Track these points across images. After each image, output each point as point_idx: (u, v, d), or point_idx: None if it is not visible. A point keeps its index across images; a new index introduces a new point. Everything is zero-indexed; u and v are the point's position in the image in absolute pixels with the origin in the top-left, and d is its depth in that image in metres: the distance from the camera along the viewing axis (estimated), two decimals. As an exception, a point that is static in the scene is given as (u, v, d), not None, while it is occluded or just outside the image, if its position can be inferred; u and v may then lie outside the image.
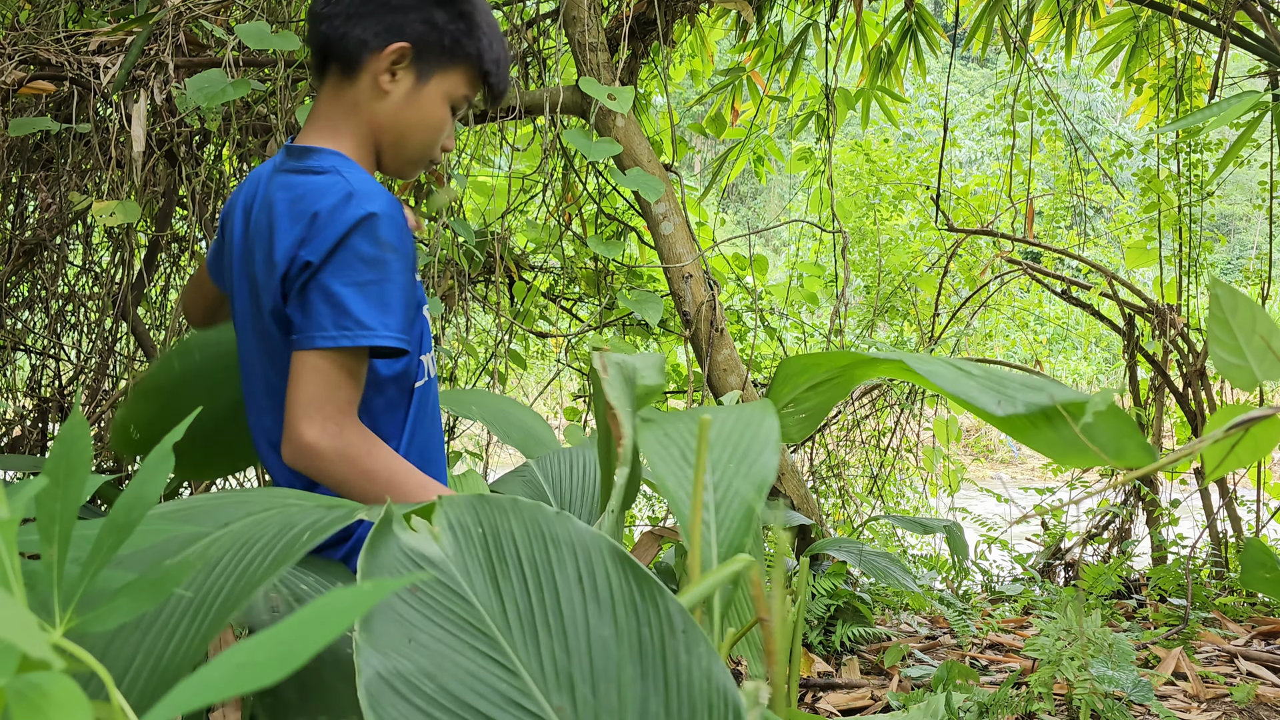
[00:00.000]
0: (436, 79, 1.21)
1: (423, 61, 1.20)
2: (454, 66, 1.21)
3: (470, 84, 1.24)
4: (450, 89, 1.22)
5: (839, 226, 3.02)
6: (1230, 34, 2.74)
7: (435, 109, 1.22)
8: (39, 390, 2.78)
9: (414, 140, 1.24)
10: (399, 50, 1.19)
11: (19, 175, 2.28)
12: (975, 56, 5.79)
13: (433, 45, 1.20)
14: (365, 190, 1.13)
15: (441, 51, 1.21)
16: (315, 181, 1.14)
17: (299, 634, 0.38)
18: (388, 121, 1.22)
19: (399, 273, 1.13)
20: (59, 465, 0.54)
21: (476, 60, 1.22)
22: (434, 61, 1.20)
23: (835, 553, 2.19)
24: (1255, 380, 0.68)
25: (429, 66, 1.20)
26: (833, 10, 3.19)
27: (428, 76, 1.21)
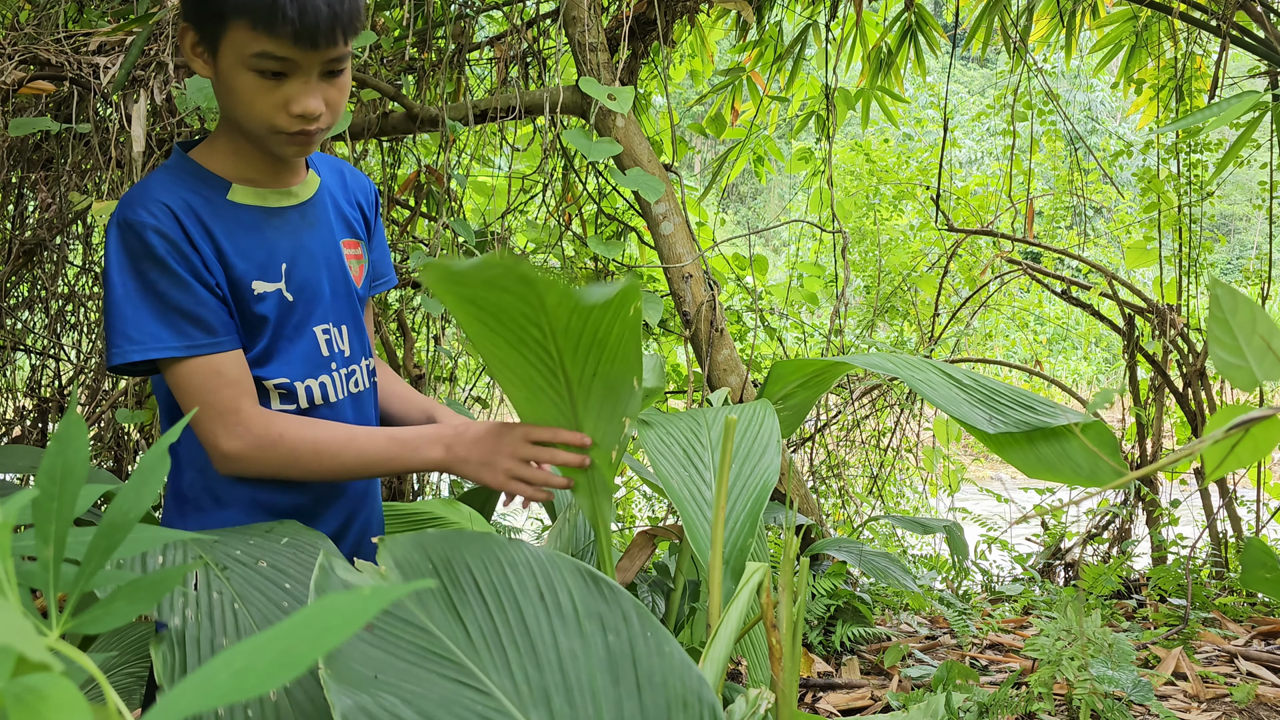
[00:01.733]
0: (222, 48, 1.06)
1: (205, 37, 1.08)
2: (224, 27, 1.05)
3: (249, 37, 1.04)
4: (236, 53, 1.06)
5: (839, 226, 3.02)
6: (1230, 34, 2.74)
7: (235, 80, 1.07)
8: (39, 390, 2.78)
9: (241, 118, 1.10)
10: (184, 31, 1.10)
11: (19, 175, 2.28)
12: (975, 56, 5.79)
13: (198, 14, 1.07)
14: (128, 198, 1.09)
15: (205, 17, 1.06)
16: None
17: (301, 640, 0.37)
18: (222, 107, 1.14)
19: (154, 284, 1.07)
20: (56, 467, 0.54)
21: (231, 14, 1.04)
22: (210, 32, 1.07)
23: (835, 553, 2.19)
24: (1255, 380, 0.68)
25: (212, 39, 1.07)
26: (833, 10, 3.18)
27: (215, 49, 1.07)
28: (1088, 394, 8.16)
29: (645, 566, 1.75)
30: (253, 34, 1.03)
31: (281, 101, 1.08)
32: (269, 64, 1.05)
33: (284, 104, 1.08)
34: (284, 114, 1.08)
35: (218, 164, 1.17)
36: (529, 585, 0.76)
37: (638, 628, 0.74)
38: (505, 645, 0.72)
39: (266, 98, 1.07)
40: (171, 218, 1.09)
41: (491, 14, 2.98)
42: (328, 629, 0.37)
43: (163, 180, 1.13)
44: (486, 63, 3.05)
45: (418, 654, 0.70)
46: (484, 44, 2.93)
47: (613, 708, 0.70)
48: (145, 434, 2.56)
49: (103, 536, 0.55)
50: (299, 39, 1.04)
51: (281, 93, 1.07)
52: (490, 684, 0.70)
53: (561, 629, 0.73)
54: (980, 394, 1.34)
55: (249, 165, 1.17)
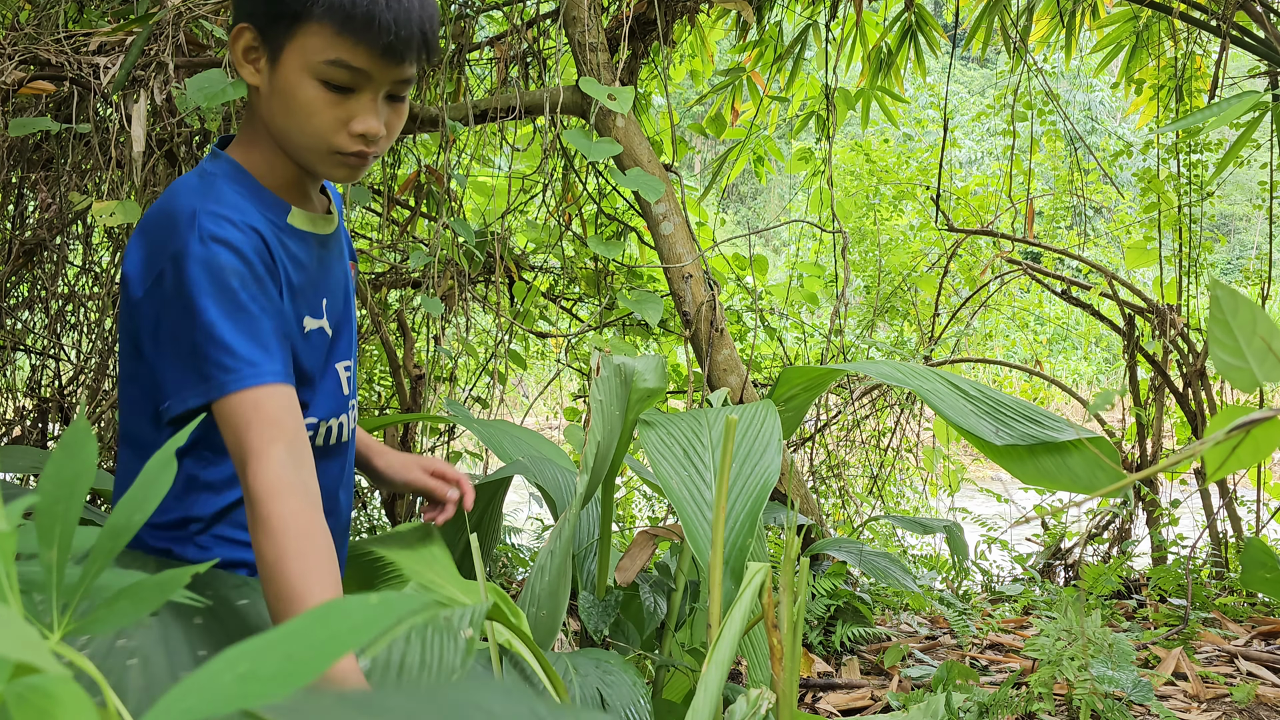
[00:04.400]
0: (288, 52, 0.98)
1: (269, 39, 0.99)
2: (297, 29, 0.97)
3: (327, 42, 0.96)
4: (305, 59, 0.97)
5: (839, 226, 3.02)
6: (1230, 34, 2.74)
7: (298, 89, 0.98)
8: (39, 390, 2.78)
9: (296, 135, 1.01)
10: (240, 32, 1.01)
11: (19, 175, 2.28)
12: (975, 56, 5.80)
13: (266, 14, 0.98)
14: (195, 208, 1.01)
15: (277, 17, 0.97)
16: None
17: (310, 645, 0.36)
18: (269, 119, 1.03)
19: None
20: (62, 469, 0.54)
21: (312, 14, 0.95)
22: (277, 33, 0.98)
23: (835, 553, 2.19)
24: (1256, 381, 0.68)
25: (276, 41, 0.98)
26: (833, 10, 3.19)
27: (278, 53, 0.99)
28: (1088, 394, 8.16)
29: (646, 567, 1.75)
30: (334, 39, 0.96)
31: (344, 118, 0.99)
32: (341, 74, 0.97)
33: (346, 121, 0.99)
34: (344, 133, 1.00)
35: (265, 178, 1.07)
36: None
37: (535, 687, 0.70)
38: None
39: (329, 112, 0.99)
40: (258, 238, 1.00)
41: (491, 14, 2.98)
42: (337, 636, 0.36)
43: (234, 195, 1.03)
44: (486, 63, 3.05)
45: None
46: (484, 44, 2.93)
47: None
48: (145, 434, 2.56)
49: (107, 539, 0.55)
50: (388, 52, 0.96)
51: (345, 109, 0.99)
52: None
53: None
54: (987, 405, 1.34)
55: (292, 185, 1.09)
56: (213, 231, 0.97)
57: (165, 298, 0.97)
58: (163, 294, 0.98)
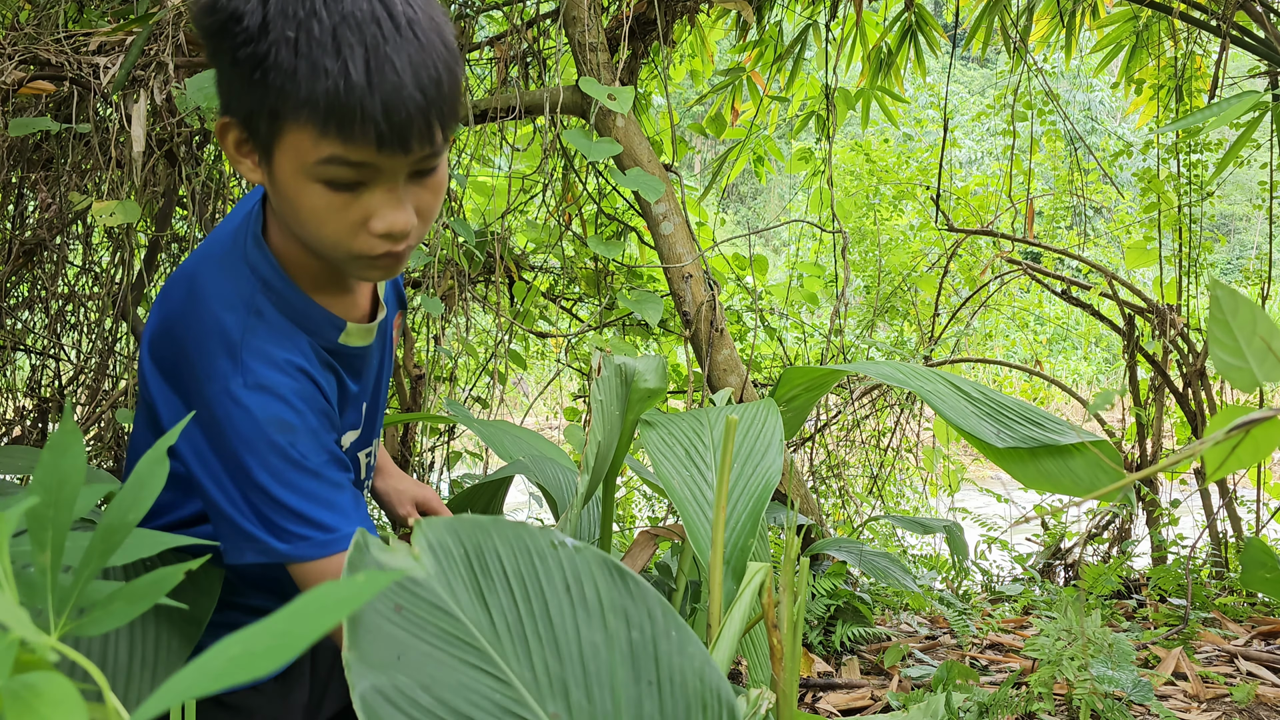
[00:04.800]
0: (278, 154, 0.82)
1: (257, 134, 0.83)
2: (279, 128, 0.80)
3: (314, 142, 0.79)
4: (296, 160, 0.80)
5: (839, 226, 3.02)
6: (1230, 34, 2.74)
7: (299, 194, 0.82)
8: (39, 390, 2.78)
9: (313, 240, 0.86)
10: (225, 126, 0.86)
11: (19, 175, 2.28)
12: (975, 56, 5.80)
13: (244, 108, 0.82)
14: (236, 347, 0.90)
15: (255, 115, 0.81)
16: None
17: (295, 624, 0.38)
18: (281, 218, 0.89)
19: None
20: (51, 473, 0.54)
21: (288, 110, 0.78)
22: (261, 130, 0.82)
23: (835, 553, 2.19)
24: (1256, 382, 0.68)
25: (264, 138, 0.82)
26: (833, 10, 3.18)
27: (269, 153, 0.83)
28: (1088, 394, 8.15)
29: (646, 567, 1.75)
30: (322, 135, 0.78)
31: (360, 219, 0.83)
32: (342, 173, 0.80)
33: (363, 221, 0.83)
34: (364, 234, 0.83)
35: (304, 280, 0.93)
36: (556, 577, 0.75)
37: (661, 625, 0.74)
38: (528, 635, 0.72)
39: (341, 216, 0.82)
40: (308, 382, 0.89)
41: (491, 14, 2.98)
42: (323, 611, 0.38)
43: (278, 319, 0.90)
44: (486, 63, 3.05)
45: (442, 639, 0.70)
46: (484, 44, 2.93)
47: (632, 704, 0.70)
48: (145, 434, 2.56)
49: (101, 540, 0.55)
50: (384, 143, 0.78)
51: (360, 207, 0.82)
52: (510, 673, 0.70)
53: (585, 622, 0.73)
54: (988, 407, 1.35)
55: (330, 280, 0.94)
56: (259, 378, 0.85)
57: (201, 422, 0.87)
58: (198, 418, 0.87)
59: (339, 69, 0.76)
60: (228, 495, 0.86)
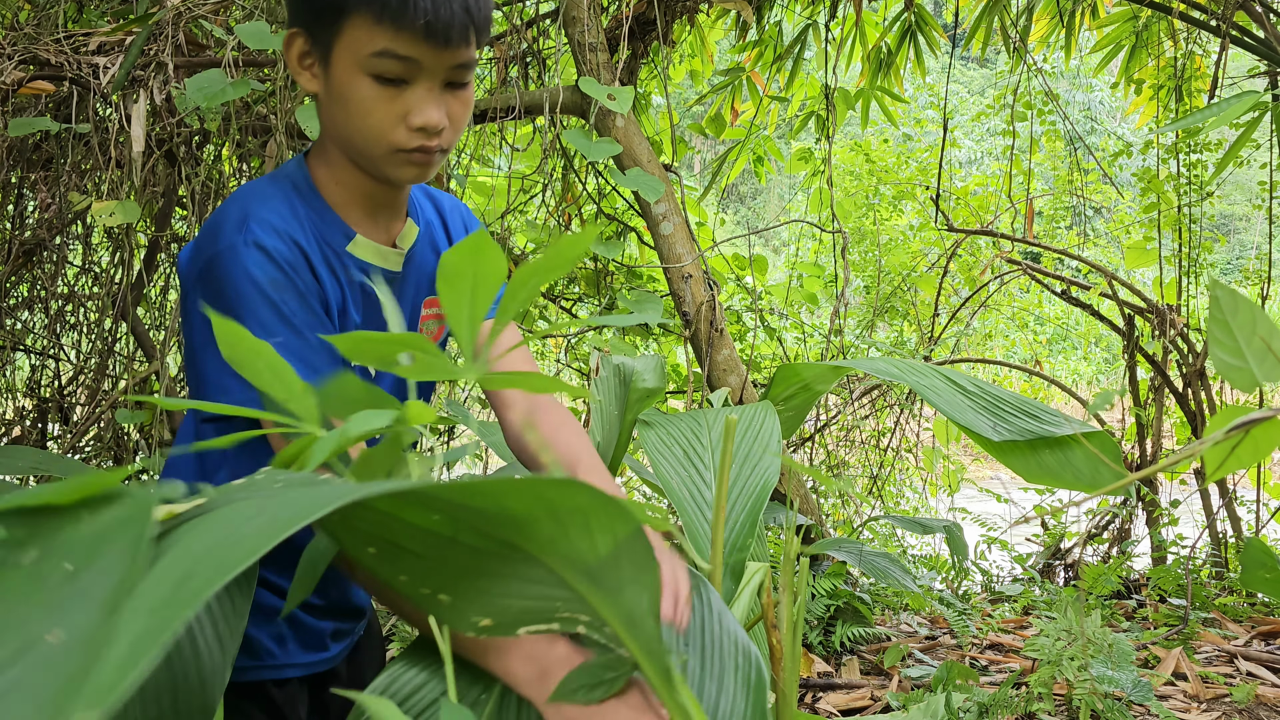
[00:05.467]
0: (336, 52, 0.95)
1: (318, 41, 0.96)
2: (341, 24, 0.93)
3: (370, 33, 0.93)
4: (352, 55, 0.94)
5: (839, 226, 3.02)
6: (1230, 34, 2.74)
7: (350, 88, 0.95)
8: (39, 390, 2.78)
9: (355, 137, 0.98)
10: (292, 39, 0.99)
11: (19, 175, 2.28)
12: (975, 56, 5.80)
13: (312, 15, 0.95)
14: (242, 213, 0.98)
15: (320, 14, 0.95)
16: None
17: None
18: (330, 125, 1.01)
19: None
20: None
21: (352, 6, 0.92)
22: (324, 33, 0.95)
23: (835, 553, 2.19)
24: (1255, 382, 0.68)
25: (325, 42, 0.96)
26: (833, 10, 3.19)
27: (328, 54, 0.96)
28: (1088, 394, 8.15)
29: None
30: (375, 28, 0.92)
31: (401, 112, 0.95)
32: (390, 65, 0.93)
33: (403, 115, 0.95)
34: (403, 128, 0.96)
35: (332, 194, 1.04)
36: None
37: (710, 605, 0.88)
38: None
39: (385, 108, 0.95)
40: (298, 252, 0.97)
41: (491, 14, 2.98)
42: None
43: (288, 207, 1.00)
44: (486, 63, 3.05)
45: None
46: (484, 44, 2.93)
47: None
48: (145, 434, 2.56)
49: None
50: (430, 34, 0.92)
51: (401, 102, 0.95)
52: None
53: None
54: (985, 401, 1.34)
55: (360, 205, 1.05)
56: (257, 237, 0.95)
57: (208, 296, 0.95)
58: (201, 295, 0.96)
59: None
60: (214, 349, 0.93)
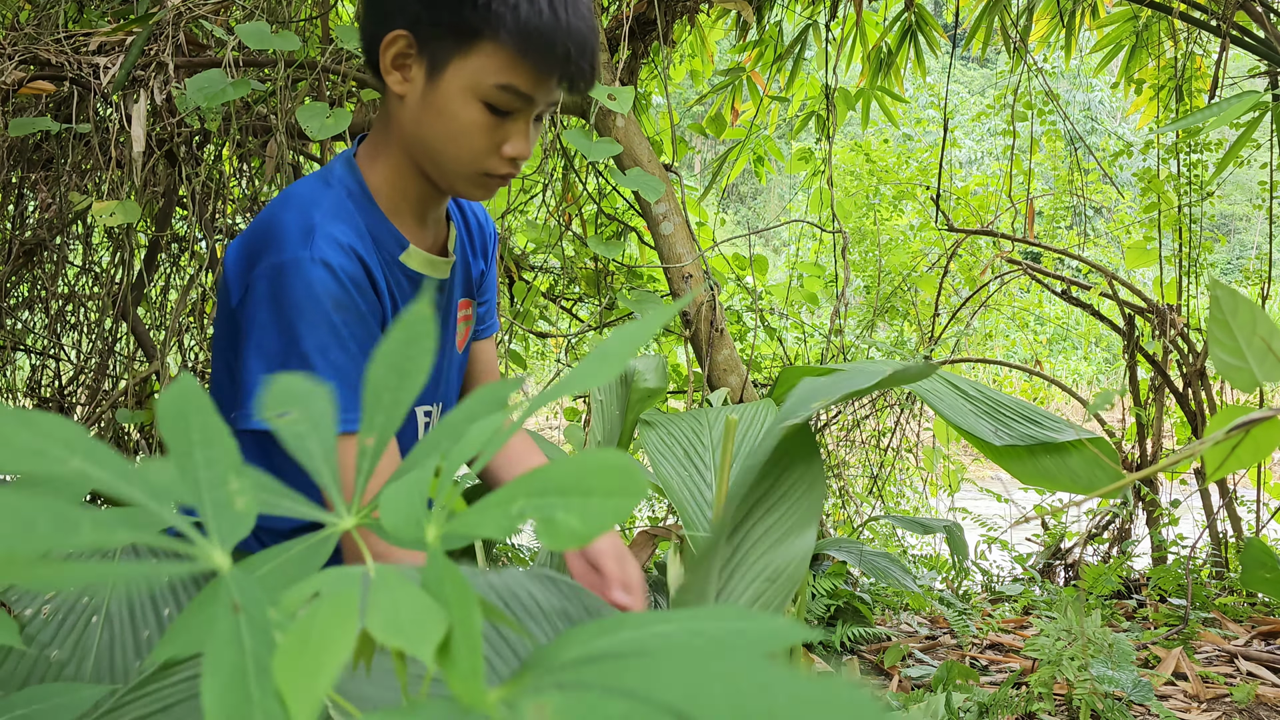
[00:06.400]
0: (453, 69, 0.92)
1: (430, 49, 0.93)
2: (470, 47, 0.90)
3: (503, 67, 0.90)
4: (473, 79, 0.91)
5: (839, 226, 3.02)
6: (1230, 34, 2.74)
7: (459, 109, 0.92)
8: (39, 390, 2.78)
9: (445, 153, 0.95)
10: (394, 39, 0.94)
11: (19, 175, 2.28)
12: (975, 56, 5.80)
13: (435, 24, 0.91)
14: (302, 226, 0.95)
15: (447, 30, 0.91)
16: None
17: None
18: (412, 131, 0.97)
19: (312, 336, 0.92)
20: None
21: (496, 31, 0.89)
22: (443, 46, 0.92)
23: (835, 553, 2.19)
24: (1255, 382, 0.68)
25: (439, 54, 0.92)
26: (833, 10, 3.18)
27: (441, 67, 0.92)
28: (1088, 394, 8.16)
29: (646, 566, 1.75)
30: (511, 63, 0.90)
31: (499, 141, 0.95)
32: (509, 100, 0.92)
33: (500, 144, 0.95)
34: (497, 156, 0.96)
35: (388, 202, 1.02)
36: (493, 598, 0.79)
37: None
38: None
39: (488, 135, 0.94)
40: (362, 269, 0.95)
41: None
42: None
43: (348, 217, 0.97)
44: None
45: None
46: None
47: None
48: (145, 434, 2.56)
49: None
50: (564, 79, 0.92)
51: (502, 131, 0.95)
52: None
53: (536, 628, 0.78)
54: (986, 405, 1.35)
55: (412, 210, 1.03)
56: (324, 253, 0.93)
57: (259, 304, 0.93)
58: (255, 301, 0.94)
59: (548, 6, 0.89)
60: (266, 357, 0.92)
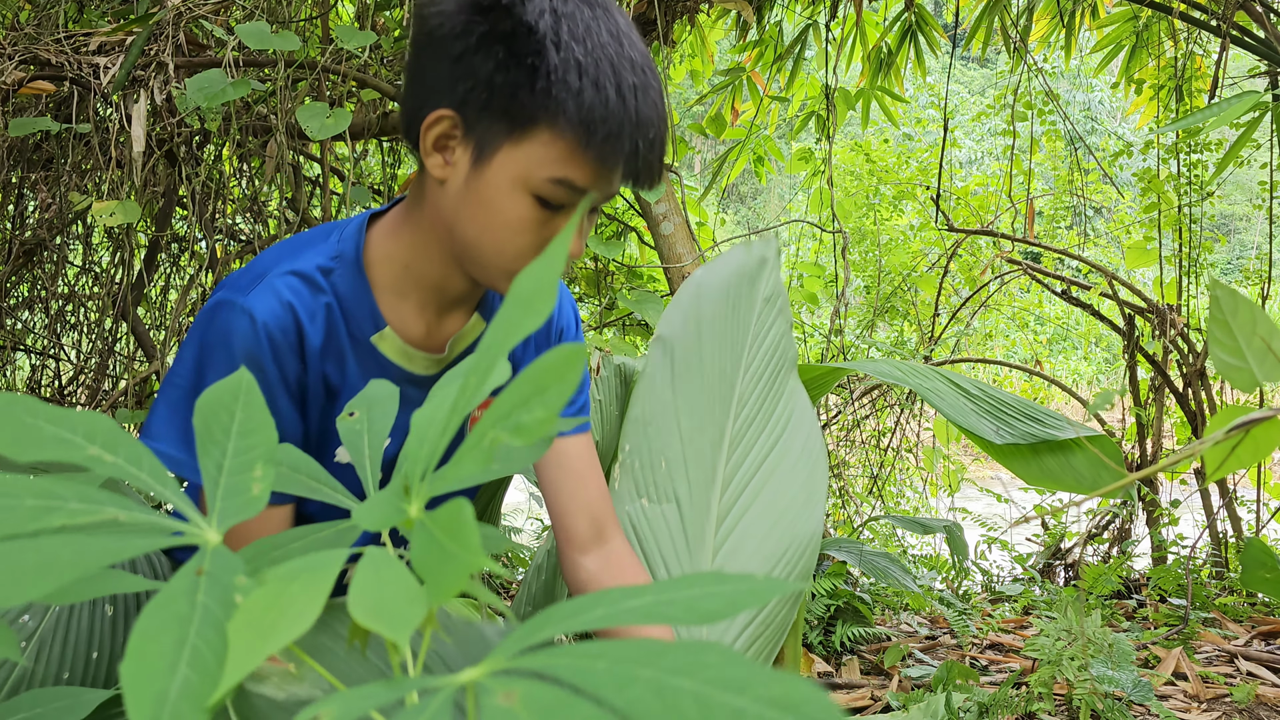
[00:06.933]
0: (503, 156, 0.81)
1: (478, 133, 0.82)
2: (524, 134, 0.80)
3: (561, 158, 0.80)
4: (525, 169, 0.81)
5: (839, 226, 3.02)
6: (1230, 34, 2.74)
7: (506, 201, 0.82)
8: (39, 390, 2.78)
9: (486, 246, 0.84)
10: (439, 119, 0.83)
11: (19, 175, 2.28)
12: (975, 56, 5.80)
13: (486, 107, 0.81)
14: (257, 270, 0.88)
15: (499, 115, 0.80)
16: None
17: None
18: (451, 219, 0.86)
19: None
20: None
21: (555, 119, 0.79)
22: (493, 130, 0.81)
23: (835, 553, 2.19)
24: (1255, 382, 0.68)
25: (488, 139, 0.81)
26: (833, 10, 3.18)
27: (489, 154, 0.82)
28: (1088, 394, 8.16)
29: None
30: (571, 155, 0.80)
31: (548, 238, 0.84)
32: (560, 194, 0.82)
33: (548, 240, 0.83)
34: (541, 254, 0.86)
35: (386, 279, 0.91)
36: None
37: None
38: None
39: (536, 232, 0.83)
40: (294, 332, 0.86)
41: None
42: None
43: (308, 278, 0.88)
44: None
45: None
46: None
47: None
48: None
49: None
50: (632, 176, 0.82)
51: (552, 228, 0.84)
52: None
53: None
54: (988, 404, 1.35)
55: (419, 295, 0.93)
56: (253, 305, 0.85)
57: (190, 333, 0.89)
58: (190, 329, 0.89)
59: (616, 92, 0.79)
60: (175, 388, 0.87)
